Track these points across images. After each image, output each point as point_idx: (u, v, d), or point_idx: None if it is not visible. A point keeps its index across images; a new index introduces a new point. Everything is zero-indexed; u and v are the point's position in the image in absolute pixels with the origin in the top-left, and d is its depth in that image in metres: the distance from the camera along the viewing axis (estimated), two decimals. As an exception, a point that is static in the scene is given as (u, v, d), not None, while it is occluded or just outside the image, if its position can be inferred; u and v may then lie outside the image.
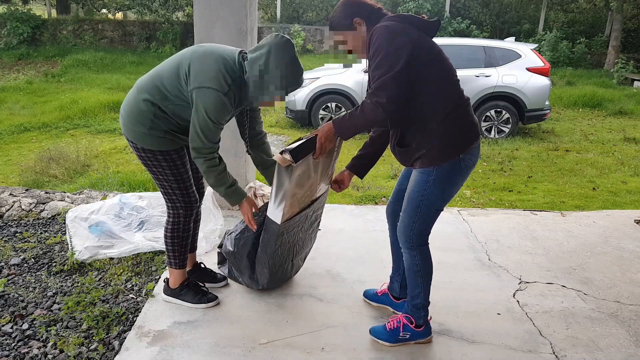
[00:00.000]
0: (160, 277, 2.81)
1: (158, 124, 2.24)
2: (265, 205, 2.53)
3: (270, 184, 2.60)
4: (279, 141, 7.40)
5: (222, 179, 2.29)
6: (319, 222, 2.86)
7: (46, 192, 3.95)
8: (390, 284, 2.60)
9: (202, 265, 2.78)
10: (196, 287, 2.61)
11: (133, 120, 2.25)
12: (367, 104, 1.98)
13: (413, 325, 2.29)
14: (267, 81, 2.15)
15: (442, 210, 2.20)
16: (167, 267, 2.62)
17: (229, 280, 2.77)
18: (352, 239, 3.38)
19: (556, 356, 2.27)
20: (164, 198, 2.45)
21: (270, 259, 2.55)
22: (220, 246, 2.96)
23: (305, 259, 2.88)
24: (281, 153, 2.17)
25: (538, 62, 7.59)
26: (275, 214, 2.42)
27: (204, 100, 2.11)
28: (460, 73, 2.14)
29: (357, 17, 2.09)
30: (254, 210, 2.47)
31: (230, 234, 2.73)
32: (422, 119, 2.05)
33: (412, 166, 2.17)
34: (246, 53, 2.24)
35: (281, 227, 2.44)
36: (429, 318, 2.33)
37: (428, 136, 2.06)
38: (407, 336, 2.30)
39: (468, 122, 2.09)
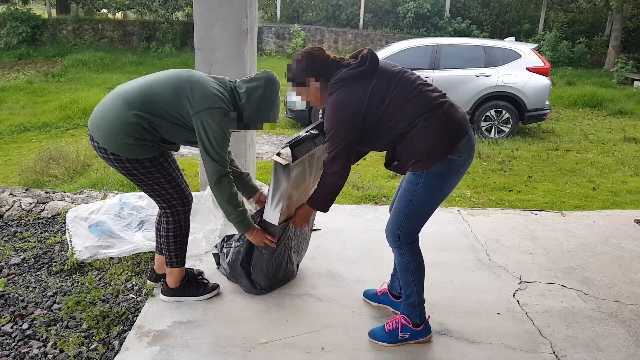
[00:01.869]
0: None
1: (144, 135, 2.24)
2: (260, 210, 2.56)
3: (245, 195, 2.66)
4: (279, 141, 7.41)
5: (240, 203, 2.40)
6: (312, 227, 2.90)
7: (46, 192, 3.95)
8: (390, 282, 2.60)
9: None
10: (195, 279, 2.63)
11: (117, 132, 2.20)
12: (326, 177, 2.24)
13: (411, 324, 2.29)
14: (265, 108, 2.38)
15: (434, 211, 2.22)
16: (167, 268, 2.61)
17: (229, 281, 2.77)
18: (352, 239, 3.38)
19: (556, 356, 2.27)
20: (158, 201, 2.43)
21: (266, 263, 2.56)
22: (216, 246, 2.98)
23: (298, 268, 2.89)
24: (278, 154, 2.28)
25: (538, 61, 7.59)
26: (272, 215, 2.44)
27: (215, 118, 2.22)
28: (460, 73, 2.17)
29: (309, 75, 2.22)
30: (251, 214, 2.51)
31: (225, 254, 2.77)
32: (401, 135, 2.13)
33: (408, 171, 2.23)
34: (234, 81, 2.42)
35: (278, 228, 2.46)
36: (427, 317, 2.33)
37: (412, 147, 2.13)
38: (407, 336, 2.30)
39: (448, 122, 2.10)
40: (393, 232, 2.24)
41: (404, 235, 2.22)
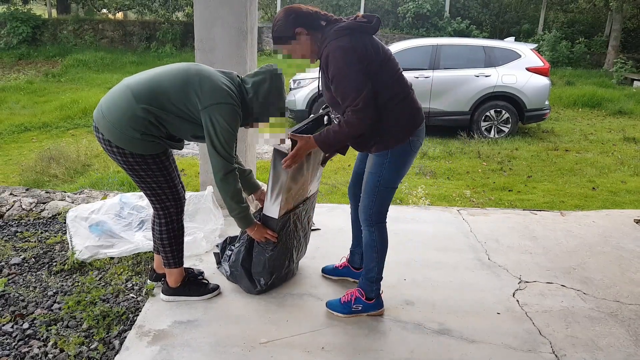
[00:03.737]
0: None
1: (151, 130, 2.24)
2: (261, 209, 2.58)
3: (246, 191, 2.70)
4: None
5: (243, 199, 2.42)
6: (311, 225, 2.92)
7: (47, 192, 3.95)
8: (350, 256, 2.80)
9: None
10: (196, 279, 2.64)
11: (124, 126, 2.19)
12: (354, 124, 2.15)
13: (364, 297, 2.47)
14: (272, 101, 2.37)
15: (397, 187, 2.41)
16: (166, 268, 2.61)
17: (229, 281, 2.78)
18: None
19: (556, 355, 2.27)
20: (152, 200, 2.42)
21: (268, 260, 2.56)
22: (217, 245, 2.98)
23: (297, 266, 2.91)
24: (278, 145, 2.34)
25: (538, 62, 7.60)
26: (272, 209, 2.47)
27: (223, 114, 2.23)
28: (460, 73, 2.22)
29: (298, 27, 2.22)
30: (253, 212, 2.52)
31: (228, 257, 2.77)
32: (376, 111, 2.19)
33: (369, 151, 2.35)
34: (239, 76, 2.43)
35: (278, 222, 2.47)
36: (380, 292, 2.51)
37: (380, 125, 2.23)
38: (360, 308, 2.48)
39: (414, 108, 2.30)
40: (366, 212, 2.39)
41: (375, 215, 2.39)
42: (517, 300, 2.70)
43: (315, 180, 2.72)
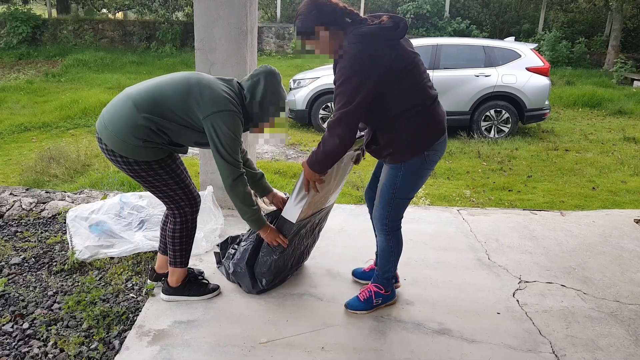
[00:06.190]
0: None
1: (153, 137, 2.24)
2: (273, 212, 2.58)
3: (258, 194, 2.70)
4: (279, 141, 7.40)
5: (254, 202, 2.43)
6: (320, 233, 2.93)
7: (46, 192, 3.95)
8: (376, 259, 2.73)
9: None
10: (196, 280, 2.64)
11: (126, 135, 2.20)
12: (327, 140, 2.13)
13: (383, 291, 2.54)
14: (269, 102, 2.37)
15: (413, 197, 2.41)
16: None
17: (228, 281, 2.78)
18: (352, 239, 3.38)
19: (556, 355, 2.27)
20: (166, 202, 2.43)
21: (274, 261, 2.57)
22: (218, 245, 2.99)
23: (297, 269, 2.91)
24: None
25: (538, 61, 7.60)
26: (293, 211, 2.47)
27: (225, 121, 2.24)
28: (460, 73, 2.20)
29: (320, 25, 2.15)
30: (264, 214, 2.55)
31: (231, 255, 2.77)
32: (389, 120, 2.18)
33: (384, 161, 2.34)
34: (239, 82, 2.43)
35: (294, 226, 2.49)
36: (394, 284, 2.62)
37: (394, 136, 2.21)
38: (380, 302, 2.54)
39: (432, 121, 2.23)
40: (382, 221, 2.40)
41: (392, 223, 2.40)
42: (517, 300, 2.70)
43: (336, 193, 2.74)
